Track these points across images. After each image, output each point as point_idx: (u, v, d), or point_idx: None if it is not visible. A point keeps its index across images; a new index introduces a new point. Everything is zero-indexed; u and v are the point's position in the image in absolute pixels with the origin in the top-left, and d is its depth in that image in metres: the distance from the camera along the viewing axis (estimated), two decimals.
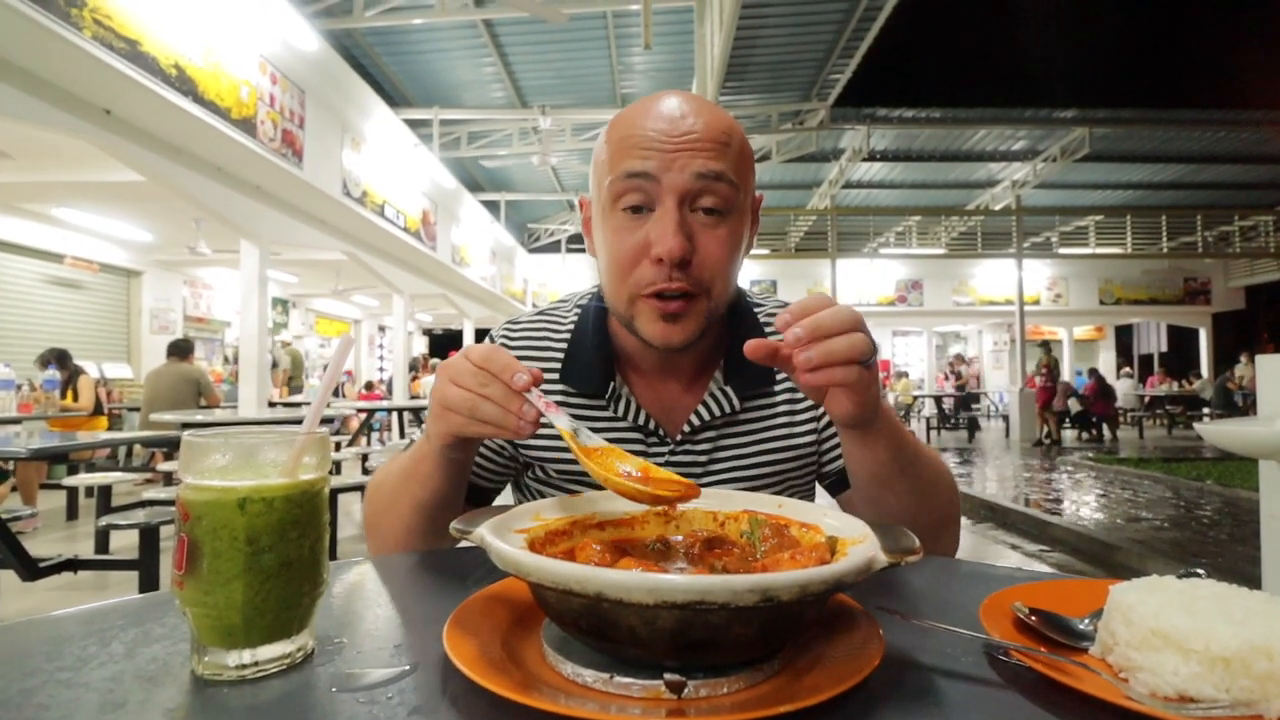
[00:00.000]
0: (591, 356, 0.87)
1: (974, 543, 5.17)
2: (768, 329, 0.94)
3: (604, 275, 0.83)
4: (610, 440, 0.86)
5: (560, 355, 0.90)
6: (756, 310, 0.97)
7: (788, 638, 0.46)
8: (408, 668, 0.46)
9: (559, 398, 0.88)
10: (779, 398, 0.91)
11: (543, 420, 0.64)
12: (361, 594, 0.64)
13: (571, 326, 0.93)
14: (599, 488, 0.86)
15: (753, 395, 0.89)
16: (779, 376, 0.91)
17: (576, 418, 0.87)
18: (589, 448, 0.62)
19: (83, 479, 4.42)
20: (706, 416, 0.87)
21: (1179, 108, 11.87)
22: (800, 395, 0.91)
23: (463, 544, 0.52)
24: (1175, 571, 0.52)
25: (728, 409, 0.87)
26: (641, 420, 0.87)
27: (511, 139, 11.92)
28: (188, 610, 0.45)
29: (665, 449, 0.87)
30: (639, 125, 0.76)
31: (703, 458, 0.87)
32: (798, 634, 0.48)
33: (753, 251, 1.46)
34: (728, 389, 0.88)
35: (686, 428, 0.87)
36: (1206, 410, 13.14)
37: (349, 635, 0.52)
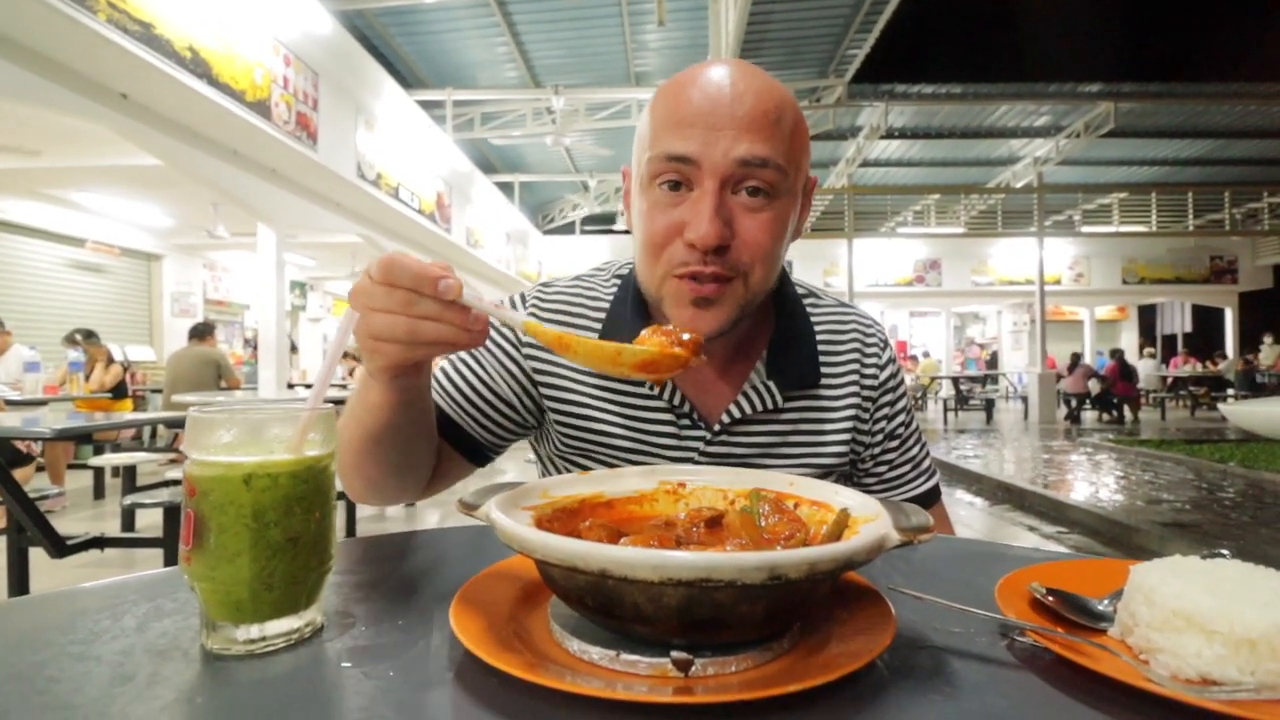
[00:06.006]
0: (628, 330, 0.83)
1: (990, 524, 5.14)
2: (819, 328, 0.90)
3: (637, 252, 0.80)
4: (643, 420, 0.84)
5: (597, 325, 0.87)
6: (809, 303, 0.92)
7: (797, 616, 0.46)
8: (415, 644, 0.46)
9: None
10: (821, 394, 0.87)
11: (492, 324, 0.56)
12: (370, 571, 0.64)
13: (610, 296, 0.89)
14: (607, 464, 0.85)
15: (795, 393, 0.86)
16: (823, 375, 0.88)
17: (610, 394, 0.85)
18: (568, 335, 0.54)
19: (108, 459, 4.51)
20: (748, 410, 0.83)
21: (1207, 81, 11.56)
22: (840, 395, 0.88)
23: (469, 521, 0.52)
24: (1197, 554, 0.50)
25: (770, 404, 0.84)
26: (677, 401, 0.83)
27: (525, 119, 11.85)
28: (196, 585, 0.45)
29: (700, 436, 0.84)
30: (683, 100, 0.71)
31: (739, 450, 0.84)
32: (807, 612, 0.47)
33: None
34: (770, 384, 0.84)
35: (726, 418, 0.83)
36: (1231, 391, 12.91)
37: (358, 611, 0.52)
